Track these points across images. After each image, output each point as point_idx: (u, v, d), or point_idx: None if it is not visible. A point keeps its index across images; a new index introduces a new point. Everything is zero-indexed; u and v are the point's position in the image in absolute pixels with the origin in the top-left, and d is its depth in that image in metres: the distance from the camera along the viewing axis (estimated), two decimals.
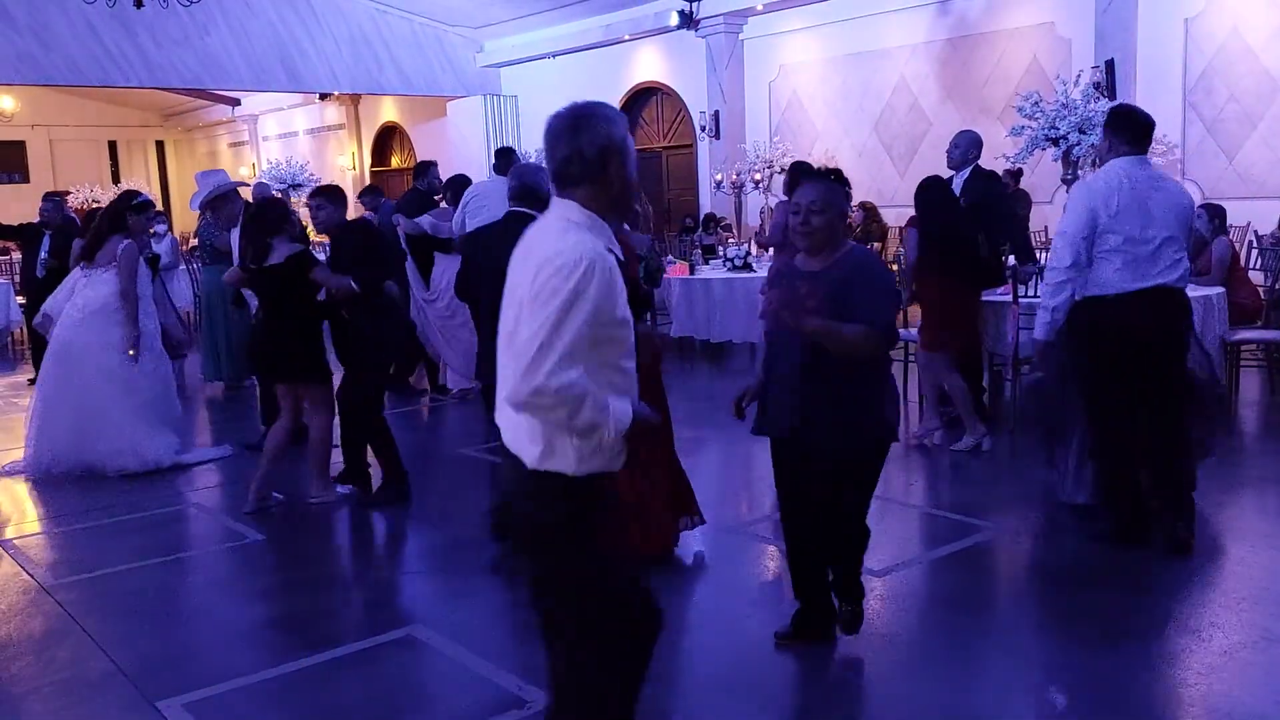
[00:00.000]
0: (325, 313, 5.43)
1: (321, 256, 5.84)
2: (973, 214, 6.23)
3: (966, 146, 6.62)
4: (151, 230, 10.35)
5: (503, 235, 4.51)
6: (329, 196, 5.52)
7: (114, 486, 6.15)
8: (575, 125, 2.29)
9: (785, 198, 7.26)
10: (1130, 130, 4.42)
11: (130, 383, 6.38)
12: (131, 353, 6.32)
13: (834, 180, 3.45)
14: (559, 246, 2.20)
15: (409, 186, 8.85)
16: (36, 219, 9.58)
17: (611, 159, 2.29)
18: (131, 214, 6.48)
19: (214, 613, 4.32)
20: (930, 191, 6.01)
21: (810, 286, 3.28)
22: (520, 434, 2.29)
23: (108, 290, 6.34)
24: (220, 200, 6.56)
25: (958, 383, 6.08)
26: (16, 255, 12.27)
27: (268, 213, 5.45)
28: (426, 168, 8.72)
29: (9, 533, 5.40)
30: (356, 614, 4.31)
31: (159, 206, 10.86)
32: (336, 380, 5.57)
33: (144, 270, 6.64)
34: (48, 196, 9.96)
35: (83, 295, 6.39)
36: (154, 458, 6.34)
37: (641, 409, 2.32)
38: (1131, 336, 4.25)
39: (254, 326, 5.82)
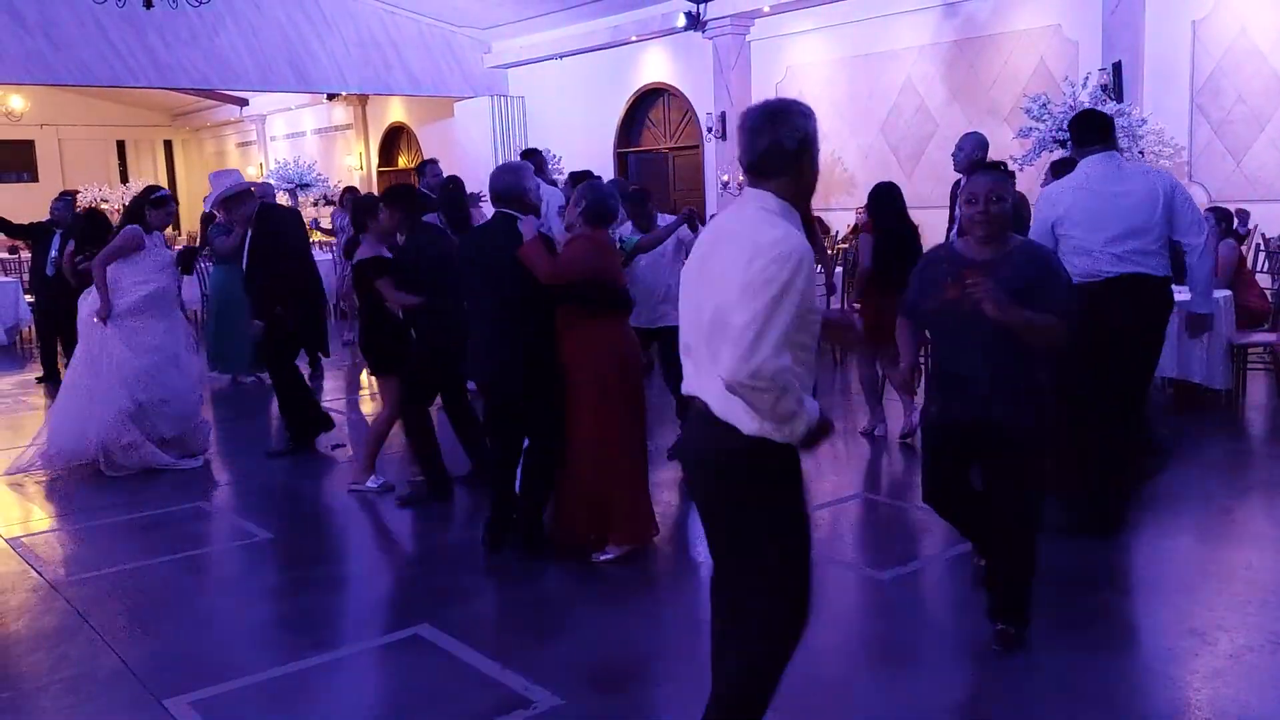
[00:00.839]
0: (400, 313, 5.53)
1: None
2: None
3: (971, 149, 6.62)
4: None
5: (493, 235, 4.58)
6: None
7: (122, 485, 6.17)
8: (774, 119, 2.45)
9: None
10: (1091, 129, 4.57)
11: (141, 382, 6.41)
12: (96, 320, 6.37)
13: (1002, 171, 3.55)
14: (774, 236, 2.34)
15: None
16: (46, 218, 9.62)
17: (805, 152, 2.47)
18: (150, 208, 6.53)
19: (222, 611, 4.34)
20: (883, 199, 6.20)
21: (984, 274, 3.31)
22: (734, 403, 2.37)
23: (139, 294, 6.43)
24: (234, 200, 6.56)
25: (870, 373, 6.48)
26: (26, 254, 12.32)
27: (359, 209, 5.71)
28: (424, 166, 8.78)
29: (18, 530, 5.42)
30: (364, 613, 4.32)
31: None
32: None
33: (170, 266, 6.71)
34: (61, 196, 10.02)
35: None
36: (138, 459, 6.35)
37: (822, 410, 2.45)
38: (1102, 324, 4.30)
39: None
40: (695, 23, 13.51)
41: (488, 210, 5.08)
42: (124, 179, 25.25)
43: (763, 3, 12.89)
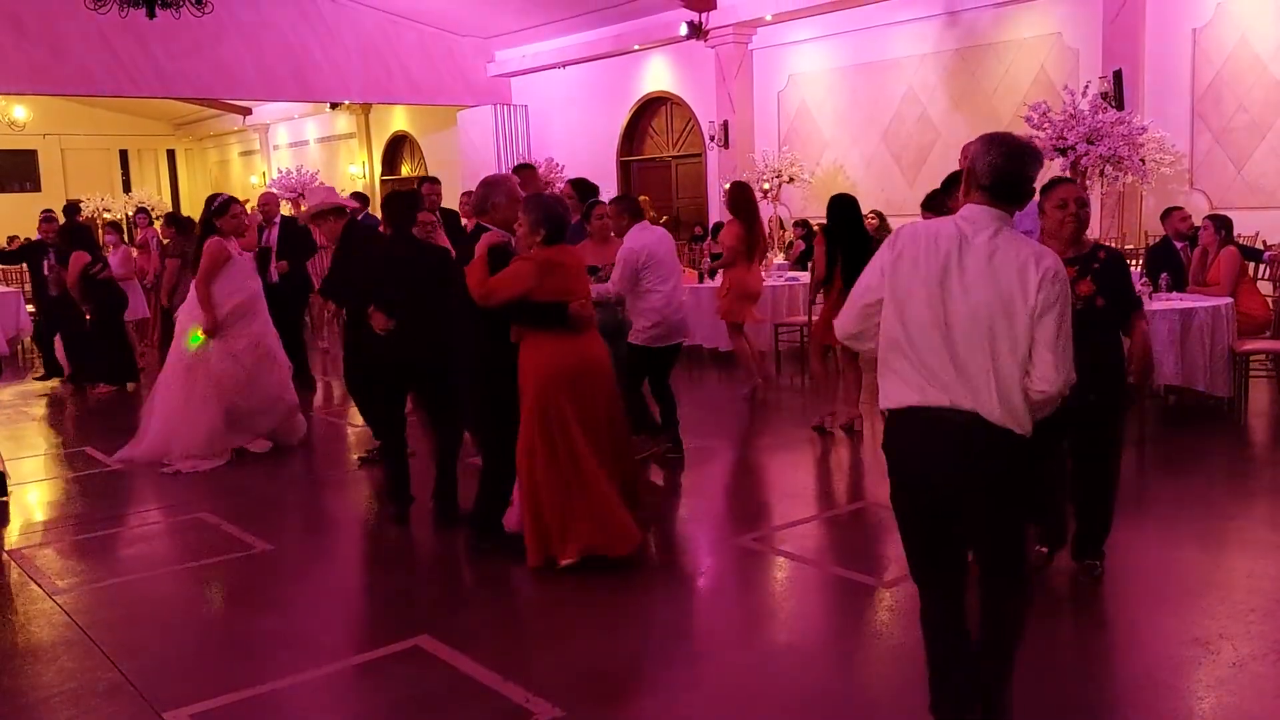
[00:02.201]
0: None
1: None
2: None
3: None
4: (105, 242, 10.54)
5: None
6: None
7: (124, 495, 6.17)
8: (1036, 157, 2.79)
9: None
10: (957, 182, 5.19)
11: (239, 388, 6.68)
12: (203, 335, 6.62)
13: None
14: (1048, 259, 2.69)
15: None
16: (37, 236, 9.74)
17: (1033, 192, 2.83)
18: (217, 218, 6.69)
19: (221, 623, 4.33)
20: (840, 209, 6.62)
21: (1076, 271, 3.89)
22: (1015, 411, 2.69)
23: (233, 303, 6.66)
24: (322, 216, 6.11)
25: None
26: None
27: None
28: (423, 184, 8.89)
29: (18, 542, 5.42)
30: (363, 625, 4.32)
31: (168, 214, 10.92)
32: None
33: (253, 270, 6.88)
34: (46, 214, 10.14)
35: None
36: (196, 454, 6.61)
37: None
38: None
39: None
40: (697, 32, 13.54)
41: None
42: (127, 188, 25.31)
43: (765, 11, 12.92)
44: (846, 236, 6.54)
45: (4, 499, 5.98)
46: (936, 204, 5.64)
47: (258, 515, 5.74)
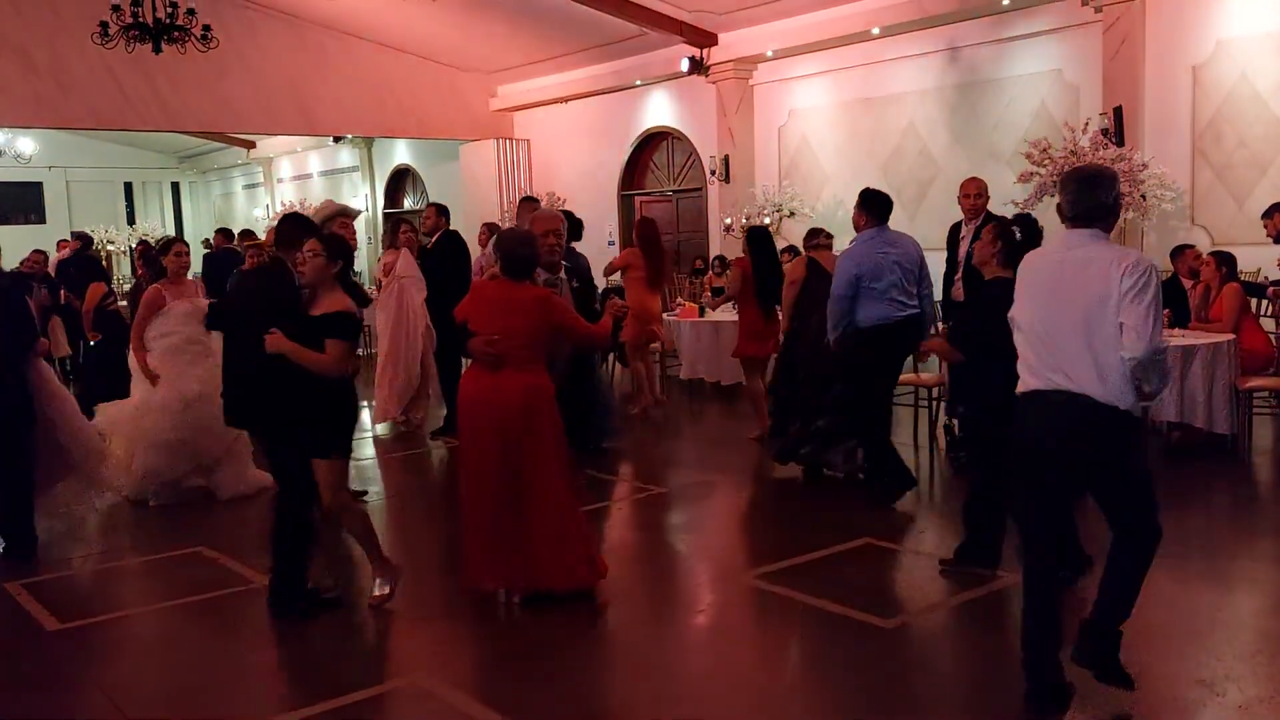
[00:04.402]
0: None
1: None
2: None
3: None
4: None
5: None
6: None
7: (121, 528, 6.14)
8: (1108, 181, 3.48)
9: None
10: (879, 207, 6.15)
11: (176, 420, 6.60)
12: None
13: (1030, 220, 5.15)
14: (1130, 254, 3.37)
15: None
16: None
17: (1118, 206, 3.50)
18: (161, 256, 6.83)
19: (219, 658, 4.29)
20: (761, 240, 7.90)
21: None
22: (1113, 388, 3.30)
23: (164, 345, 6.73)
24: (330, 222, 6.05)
25: (758, 387, 7.89)
26: None
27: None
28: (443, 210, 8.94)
29: (18, 574, 5.38)
30: (362, 661, 4.27)
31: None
32: None
33: (188, 313, 6.85)
34: (37, 252, 10.40)
35: None
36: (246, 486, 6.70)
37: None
38: (894, 352, 6.11)
39: None
40: (698, 67, 13.63)
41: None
42: (131, 221, 25.39)
43: (766, 48, 13.01)
44: (764, 264, 7.74)
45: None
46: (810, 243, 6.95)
47: (257, 548, 5.70)
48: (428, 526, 6.09)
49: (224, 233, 12.50)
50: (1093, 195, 3.41)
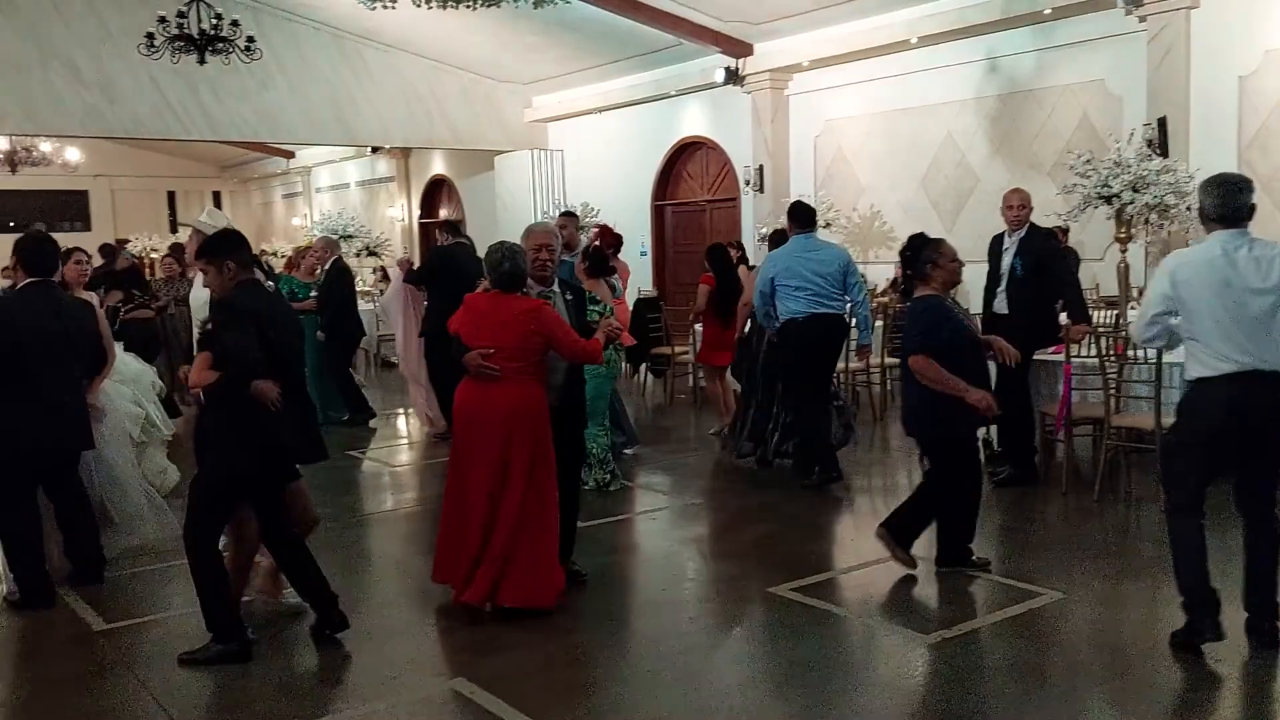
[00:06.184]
0: None
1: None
2: (1035, 273, 6.64)
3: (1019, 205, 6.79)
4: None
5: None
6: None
7: (169, 527, 6.20)
8: (1250, 185, 3.90)
9: None
10: (801, 217, 6.99)
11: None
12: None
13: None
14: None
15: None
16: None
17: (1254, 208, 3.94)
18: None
19: (259, 662, 4.30)
20: (721, 257, 8.59)
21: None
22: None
23: None
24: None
25: (718, 390, 8.60)
26: None
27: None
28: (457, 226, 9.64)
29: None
30: (399, 667, 4.27)
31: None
32: None
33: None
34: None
35: None
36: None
37: None
38: (809, 344, 6.81)
39: None
40: (734, 78, 13.63)
41: None
42: (173, 229, 25.78)
43: (801, 58, 12.99)
44: (723, 279, 8.40)
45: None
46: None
47: None
48: None
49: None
50: (1239, 197, 3.83)
